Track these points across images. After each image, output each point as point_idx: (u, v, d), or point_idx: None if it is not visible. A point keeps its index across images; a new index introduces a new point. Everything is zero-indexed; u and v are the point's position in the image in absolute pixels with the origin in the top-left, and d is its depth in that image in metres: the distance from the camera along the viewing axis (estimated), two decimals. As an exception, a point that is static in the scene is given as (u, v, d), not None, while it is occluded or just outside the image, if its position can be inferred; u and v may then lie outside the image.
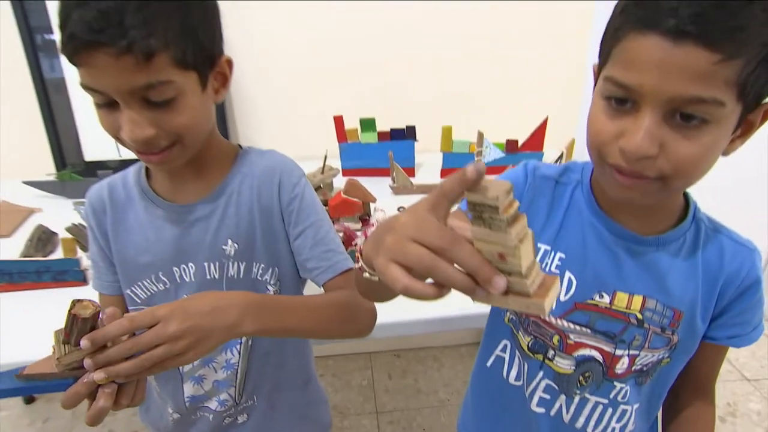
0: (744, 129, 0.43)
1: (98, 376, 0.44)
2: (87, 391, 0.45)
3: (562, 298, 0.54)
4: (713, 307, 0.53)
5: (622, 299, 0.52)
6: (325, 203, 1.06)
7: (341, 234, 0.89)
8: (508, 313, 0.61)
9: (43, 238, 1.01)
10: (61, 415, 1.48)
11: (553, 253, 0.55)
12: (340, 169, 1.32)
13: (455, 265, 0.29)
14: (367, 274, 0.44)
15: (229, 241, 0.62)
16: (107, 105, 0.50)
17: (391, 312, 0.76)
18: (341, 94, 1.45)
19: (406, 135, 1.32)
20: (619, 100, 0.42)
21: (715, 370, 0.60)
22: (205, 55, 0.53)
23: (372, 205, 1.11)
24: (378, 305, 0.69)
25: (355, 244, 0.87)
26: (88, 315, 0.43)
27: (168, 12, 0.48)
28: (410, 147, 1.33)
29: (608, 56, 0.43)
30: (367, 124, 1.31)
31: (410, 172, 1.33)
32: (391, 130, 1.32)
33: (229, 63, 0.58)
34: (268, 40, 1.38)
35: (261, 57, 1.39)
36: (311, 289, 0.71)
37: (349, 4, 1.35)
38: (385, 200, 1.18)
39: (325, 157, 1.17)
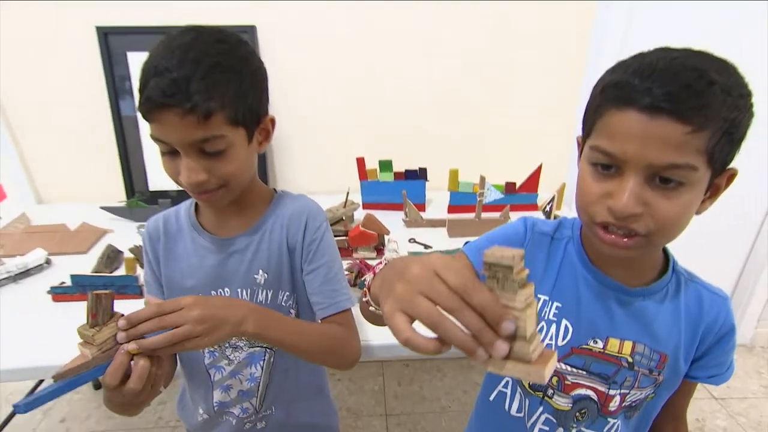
0: (712, 191, 0.46)
1: (131, 346, 0.47)
2: (126, 360, 0.47)
3: (560, 344, 0.55)
4: (695, 350, 0.55)
5: (614, 344, 0.53)
6: (346, 234, 1.15)
7: (358, 266, 0.96)
8: None
9: (111, 256, 1.09)
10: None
11: (551, 303, 0.56)
12: (361, 203, 1.39)
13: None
14: (372, 308, 0.46)
15: (260, 272, 0.65)
16: (170, 153, 0.55)
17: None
18: (363, 138, 1.52)
19: (418, 175, 1.38)
20: (605, 166, 0.45)
21: (688, 400, 0.62)
22: (252, 115, 0.58)
23: (386, 237, 1.18)
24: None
25: (364, 279, 0.87)
26: (108, 292, 0.47)
27: (225, 81, 0.53)
28: (422, 186, 1.39)
29: (592, 129, 0.46)
30: (385, 165, 1.39)
31: (421, 207, 1.39)
32: (406, 171, 1.39)
33: (272, 121, 0.63)
34: (300, 95, 1.46)
35: (295, 110, 1.47)
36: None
37: (368, 64, 1.43)
38: (398, 232, 1.25)
39: (348, 193, 1.23)
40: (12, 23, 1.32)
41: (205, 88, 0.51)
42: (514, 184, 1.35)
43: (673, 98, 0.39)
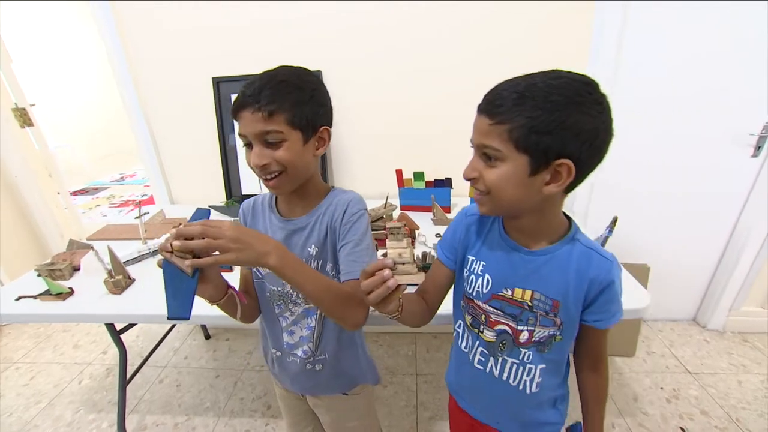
0: (555, 178, 0.50)
1: (176, 243, 0.51)
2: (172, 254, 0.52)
3: (485, 290, 0.62)
4: (583, 299, 0.58)
5: (518, 293, 0.60)
6: (384, 228, 1.19)
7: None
8: (461, 302, 0.68)
9: None
10: (225, 347, 1.80)
11: (478, 262, 0.63)
12: (398, 205, 1.45)
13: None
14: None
15: (313, 246, 0.68)
16: (247, 146, 0.61)
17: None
18: (401, 153, 1.56)
19: (445, 184, 1.42)
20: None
21: (598, 349, 0.64)
22: (308, 123, 0.61)
23: (416, 232, 1.22)
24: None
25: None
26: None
27: (286, 92, 0.58)
28: (447, 192, 1.42)
29: None
30: (418, 176, 1.44)
31: (447, 210, 1.42)
32: (435, 180, 1.42)
33: (328, 133, 0.65)
34: (354, 120, 1.52)
35: (350, 131, 1.54)
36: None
37: (407, 97, 1.48)
38: (428, 228, 1.29)
39: (387, 197, 1.32)
40: (153, 73, 1.57)
41: (270, 95, 0.57)
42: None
43: (487, 103, 0.51)
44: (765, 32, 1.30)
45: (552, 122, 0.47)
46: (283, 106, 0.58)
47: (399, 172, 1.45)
